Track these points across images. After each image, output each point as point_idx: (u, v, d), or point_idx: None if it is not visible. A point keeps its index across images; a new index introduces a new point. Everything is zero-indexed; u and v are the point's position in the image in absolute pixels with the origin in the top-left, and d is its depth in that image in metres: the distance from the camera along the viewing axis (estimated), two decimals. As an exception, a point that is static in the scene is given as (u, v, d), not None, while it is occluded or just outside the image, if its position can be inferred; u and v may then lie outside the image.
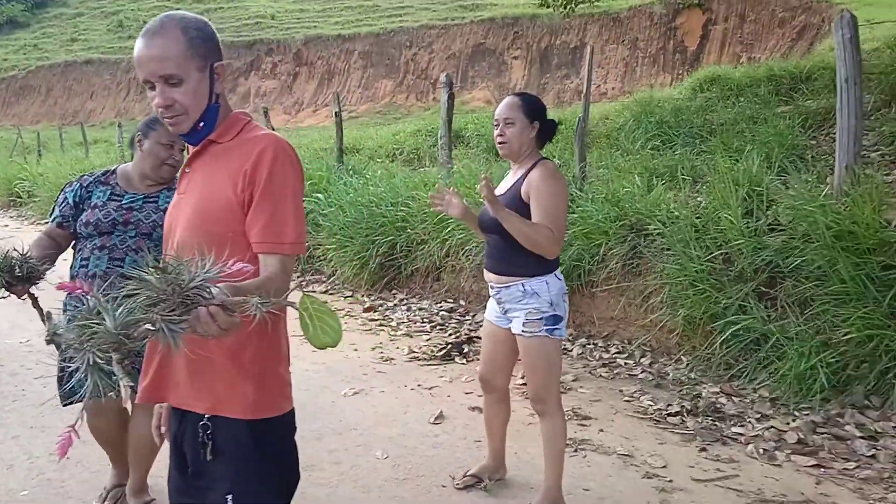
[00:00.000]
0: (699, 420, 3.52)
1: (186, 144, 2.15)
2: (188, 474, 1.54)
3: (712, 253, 4.22)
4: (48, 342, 1.24)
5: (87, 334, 1.07)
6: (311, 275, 7.09)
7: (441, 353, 4.70)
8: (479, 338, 4.90)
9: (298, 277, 6.94)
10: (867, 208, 3.81)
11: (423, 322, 5.43)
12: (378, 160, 9.52)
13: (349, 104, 25.65)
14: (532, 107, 2.63)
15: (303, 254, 1.49)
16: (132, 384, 1.11)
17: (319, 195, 7.02)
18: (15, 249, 1.87)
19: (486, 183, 2.41)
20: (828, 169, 5.15)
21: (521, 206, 2.52)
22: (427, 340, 5.01)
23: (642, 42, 21.89)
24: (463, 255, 5.72)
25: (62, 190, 2.72)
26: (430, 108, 23.41)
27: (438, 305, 5.79)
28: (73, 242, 2.65)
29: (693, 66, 19.36)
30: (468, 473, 2.93)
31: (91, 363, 1.06)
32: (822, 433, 3.28)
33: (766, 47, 19.14)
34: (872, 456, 3.07)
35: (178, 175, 2.22)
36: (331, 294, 6.45)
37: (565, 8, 9.49)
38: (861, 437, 3.20)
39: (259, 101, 26.49)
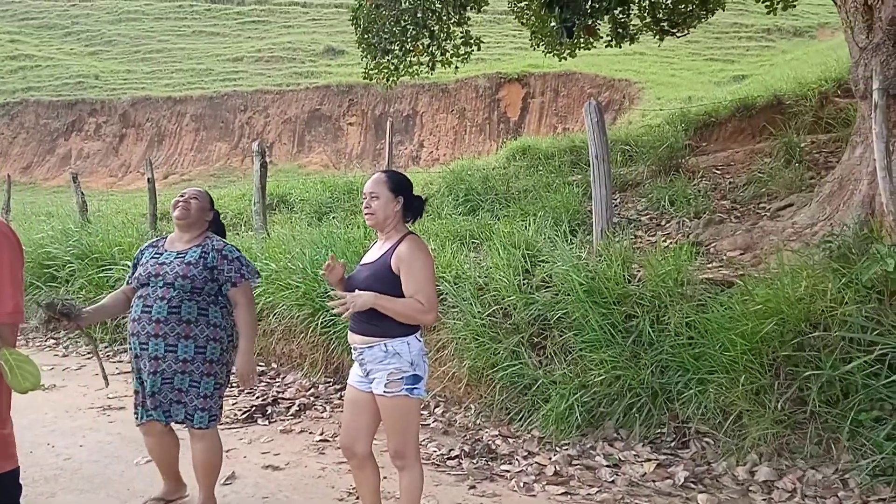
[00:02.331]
0: (474, 461, 3.87)
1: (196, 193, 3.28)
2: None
3: (492, 308, 4.67)
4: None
5: None
6: (119, 344, 6.86)
7: (244, 416, 4.78)
8: (286, 398, 5.05)
9: (106, 347, 6.71)
10: (615, 266, 4.45)
11: (232, 386, 5.46)
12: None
13: (181, 167, 25.01)
14: (397, 182, 2.80)
15: (21, 322, 1.63)
16: None
17: (128, 262, 6.85)
18: (59, 295, 2.89)
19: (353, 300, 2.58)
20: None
21: (389, 275, 2.67)
22: (233, 404, 5.06)
23: (469, 112, 23.30)
24: (274, 317, 5.84)
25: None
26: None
27: (249, 369, 5.83)
28: None
29: (516, 134, 20.83)
30: None
31: None
32: (576, 464, 3.73)
33: (577, 119, 21.04)
34: (613, 481, 3.54)
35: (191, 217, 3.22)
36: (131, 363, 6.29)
37: (387, 81, 10.02)
38: (606, 466, 3.68)
39: (81, 162, 25.19)
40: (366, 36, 9.41)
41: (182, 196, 3.28)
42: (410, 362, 2.67)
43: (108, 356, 6.52)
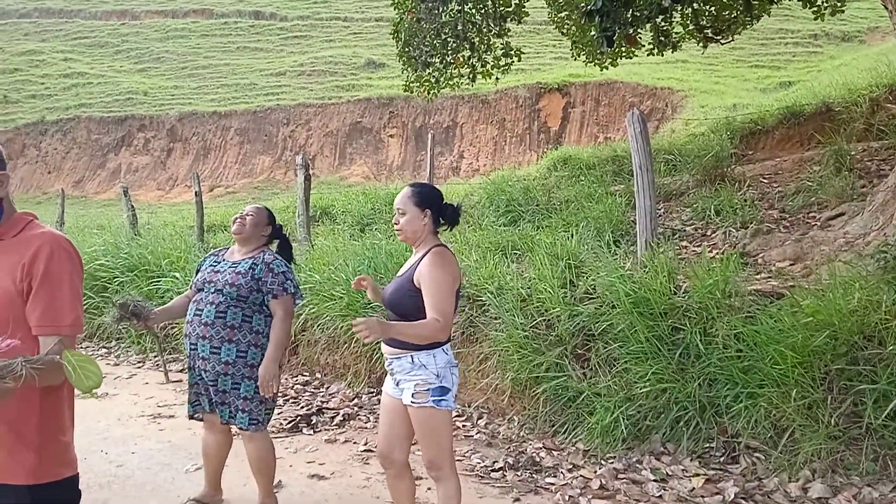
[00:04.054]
0: (518, 473, 3.85)
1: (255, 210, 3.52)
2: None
3: (535, 320, 4.65)
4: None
5: None
6: (170, 353, 7.02)
7: (289, 425, 4.84)
8: (330, 408, 5.10)
9: (155, 356, 6.87)
10: (660, 277, 4.39)
11: (277, 396, 5.53)
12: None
13: (226, 180, 25.50)
14: (422, 196, 2.78)
15: (80, 333, 1.68)
16: None
17: (177, 274, 7.04)
18: (131, 295, 3.26)
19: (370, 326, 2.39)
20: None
21: (412, 290, 2.69)
22: (278, 414, 5.12)
23: (509, 122, 23.27)
24: (318, 327, 5.91)
25: None
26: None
27: (294, 379, 5.92)
28: None
29: (557, 144, 20.73)
30: None
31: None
32: (622, 478, 3.68)
33: (618, 128, 20.85)
34: (660, 496, 3.48)
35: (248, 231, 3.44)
36: (185, 372, 6.42)
37: (428, 93, 10.09)
38: (653, 480, 3.62)
39: (130, 176, 25.87)
40: (407, 49, 9.50)
41: (242, 213, 3.53)
42: (436, 374, 2.67)
43: (156, 366, 6.67)
